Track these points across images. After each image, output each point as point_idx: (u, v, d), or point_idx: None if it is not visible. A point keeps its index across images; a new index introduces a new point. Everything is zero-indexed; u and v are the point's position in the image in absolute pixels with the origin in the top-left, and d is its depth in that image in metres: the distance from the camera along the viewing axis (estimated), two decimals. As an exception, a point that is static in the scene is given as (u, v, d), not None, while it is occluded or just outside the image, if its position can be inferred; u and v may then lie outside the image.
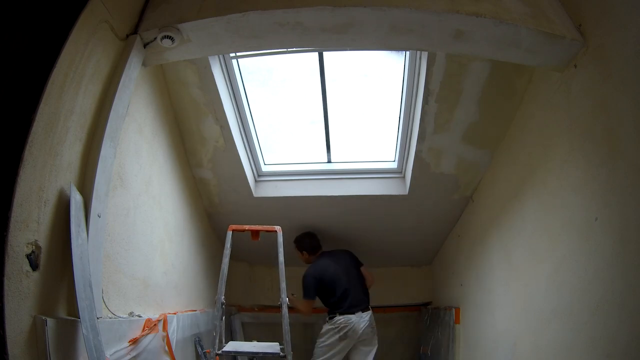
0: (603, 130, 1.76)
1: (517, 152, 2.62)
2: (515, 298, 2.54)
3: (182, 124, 2.93)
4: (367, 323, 3.37)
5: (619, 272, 1.61)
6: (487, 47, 2.06)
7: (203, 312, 3.31)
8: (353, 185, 3.54)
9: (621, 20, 1.66)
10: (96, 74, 1.76)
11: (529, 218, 2.41)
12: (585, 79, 1.90)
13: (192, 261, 3.28)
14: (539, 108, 2.36)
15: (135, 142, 2.22)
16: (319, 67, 2.95)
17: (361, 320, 3.35)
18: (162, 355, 2.27)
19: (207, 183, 3.42)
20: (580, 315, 1.83)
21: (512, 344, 2.52)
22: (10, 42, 1.34)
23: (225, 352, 2.73)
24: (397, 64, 2.97)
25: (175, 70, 2.59)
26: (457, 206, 3.56)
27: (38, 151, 1.41)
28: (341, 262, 3.58)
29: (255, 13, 1.93)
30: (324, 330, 3.43)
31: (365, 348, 3.40)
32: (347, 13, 1.92)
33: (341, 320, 3.34)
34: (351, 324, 3.32)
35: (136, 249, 2.21)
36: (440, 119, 2.80)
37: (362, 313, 3.38)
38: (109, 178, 1.82)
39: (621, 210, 1.63)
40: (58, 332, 1.43)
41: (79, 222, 1.58)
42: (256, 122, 3.26)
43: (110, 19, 1.82)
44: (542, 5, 2.01)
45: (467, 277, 3.48)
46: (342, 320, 3.34)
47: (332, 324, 3.38)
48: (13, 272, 1.29)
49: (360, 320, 3.34)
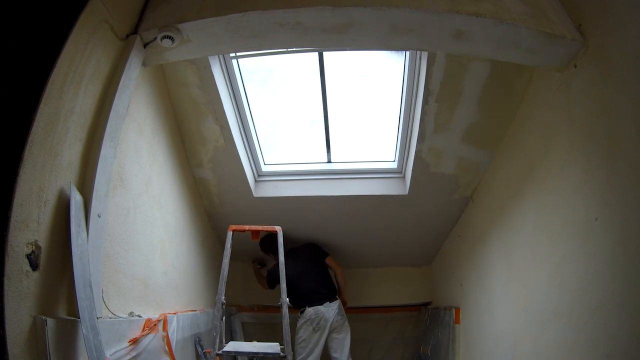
0: (603, 130, 1.76)
1: (517, 152, 2.62)
2: (515, 298, 2.54)
3: (182, 124, 2.93)
4: (337, 311, 3.54)
5: (619, 272, 1.61)
6: (487, 47, 2.06)
7: (203, 312, 3.31)
8: (353, 185, 3.54)
9: (621, 20, 1.66)
10: (96, 74, 1.76)
11: (529, 218, 2.41)
12: (585, 79, 1.90)
13: (192, 261, 3.28)
14: (539, 108, 2.36)
15: (135, 142, 2.22)
16: (319, 67, 2.95)
17: (330, 310, 3.52)
18: (162, 355, 2.27)
19: (207, 183, 3.42)
20: (580, 315, 1.83)
21: (512, 344, 2.52)
22: (10, 42, 1.34)
23: (225, 352, 2.73)
24: (397, 64, 2.97)
25: (175, 70, 2.59)
26: (457, 206, 3.56)
27: (38, 151, 1.41)
28: (299, 260, 3.72)
29: (255, 13, 1.93)
30: (299, 326, 3.57)
31: (339, 335, 3.56)
32: (347, 13, 1.92)
33: (311, 312, 3.51)
34: (321, 313, 3.50)
35: (136, 249, 2.21)
36: (440, 119, 2.80)
37: (330, 303, 3.55)
38: (109, 178, 1.82)
39: (621, 210, 1.63)
40: (58, 332, 1.43)
41: (79, 222, 1.58)
42: (256, 122, 3.26)
43: (110, 19, 1.82)
44: (542, 5, 2.01)
45: (467, 277, 3.47)
46: (312, 311, 3.51)
47: (303, 317, 3.54)
48: (13, 272, 1.29)
49: (328, 310, 3.52)
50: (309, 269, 3.68)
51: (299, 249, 3.87)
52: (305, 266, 3.69)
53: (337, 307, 3.57)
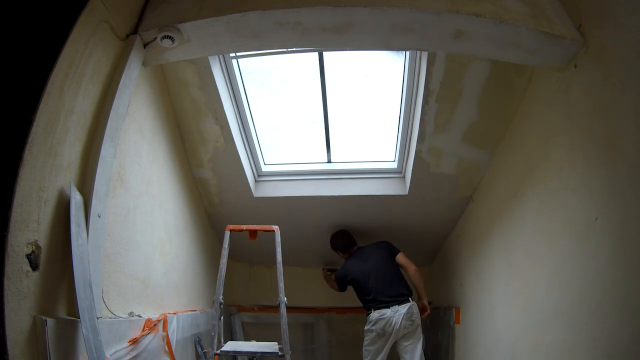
0: (603, 130, 1.75)
1: (517, 152, 2.62)
2: (515, 298, 2.54)
3: (182, 124, 2.93)
4: (406, 315, 3.16)
5: (619, 272, 1.61)
6: (487, 47, 2.06)
7: (203, 312, 3.31)
8: (353, 185, 3.54)
9: (621, 20, 1.66)
10: (96, 74, 1.76)
11: (529, 218, 2.41)
12: (585, 79, 1.90)
13: (192, 261, 3.28)
14: (539, 108, 2.36)
15: (135, 142, 2.22)
16: (319, 67, 2.95)
17: (397, 314, 3.16)
18: (162, 355, 2.27)
19: (207, 183, 3.42)
20: (580, 315, 1.83)
21: (512, 344, 2.52)
22: (10, 42, 1.34)
23: (223, 351, 2.73)
24: (397, 64, 2.97)
25: (175, 70, 2.59)
26: (457, 206, 3.56)
27: (38, 151, 1.41)
28: (369, 260, 3.46)
29: (255, 13, 1.93)
30: (365, 330, 3.30)
31: (407, 343, 3.19)
32: (347, 13, 1.92)
33: (375, 316, 3.21)
34: (386, 318, 3.17)
35: (136, 249, 2.21)
36: (440, 119, 2.80)
37: (399, 306, 3.18)
38: (109, 178, 1.82)
39: (621, 210, 1.63)
40: (58, 332, 1.43)
41: (79, 222, 1.58)
42: (256, 122, 3.26)
43: (110, 19, 1.82)
44: (542, 5, 2.01)
45: (467, 277, 3.48)
46: (376, 315, 3.21)
47: (368, 322, 3.27)
48: (13, 272, 1.29)
49: (395, 314, 3.16)
50: (376, 269, 3.38)
51: (366, 248, 3.60)
52: (373, 266, 3.39)
53: (408, 311, 3.18)
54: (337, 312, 4.45)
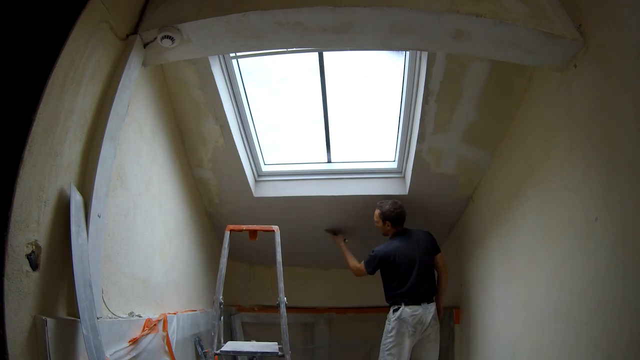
0: (603, 130, 1.75)
1: (517, 152, 2.62)
2: (515, 298, 2.54)
3: (182, 124, 2.93)
4: (433, 314, 3.08)
5: (619, 272, 1.61)
6: (487, 47, 2.06)
7: (203, 312, 3.30)
8: (353, 185, 3.54)
9: (621, 20, 1.66)
10: (96, 74, 1.77)
11: (529, 218, 2.41)
12: (585, 79, 1.90)
13: (192, 261, 3.28)
14: (538, 108, 2.36)
15: (135, 142, 2.22)
16: (319, 67, 2.94)
17: (427, 312, 3.05)
18: (162, 355, 2.27)
19: (207, 183, 3.42)
20: (580, 315, 1.83)
21: (512, 344, 2.52)
22: (10, 42, 1.34)
23: (223, 351, 2.73)
24: (397, 64, 2.97)
25: (175, 70, 2.59)
26: (457, 206, 3.56)
27: (38, 151, 1.41)
28: (416, 248, 3.20)
29: (255, 13, 1.93)
30: (389, 328, 3.10)
31: (429, 344, 3.11)
32: (347, 13, 1.92)
33: (407, 312, 3.02)
34: (418, 315, 3.02)
35: (136, 249, 2.21)
36: (440, 119, 2.80)
37: (428, 305, 3.08)
38: (109, 178, 1.83)
39: (621, 210, 1.63)
40: (58, 332, 1.43)
41: (79, 222, 1.58)
42: (256, 122, 3.26)
43: (110, 19, 1.82)
44: (542, 5, 2.01)
45: (467, 277, 3.48)
46: (409, 311, 3.02)
47: (395, 319, 3.05)
48: (13, 272, 1.29)
49: (426, 312, 3.04)
50: (420, 262, 3.15)
51: (414, 233, 3.30)
52: (419, 257, 3.16)
53: (434, 311, 3.10)
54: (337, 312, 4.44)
